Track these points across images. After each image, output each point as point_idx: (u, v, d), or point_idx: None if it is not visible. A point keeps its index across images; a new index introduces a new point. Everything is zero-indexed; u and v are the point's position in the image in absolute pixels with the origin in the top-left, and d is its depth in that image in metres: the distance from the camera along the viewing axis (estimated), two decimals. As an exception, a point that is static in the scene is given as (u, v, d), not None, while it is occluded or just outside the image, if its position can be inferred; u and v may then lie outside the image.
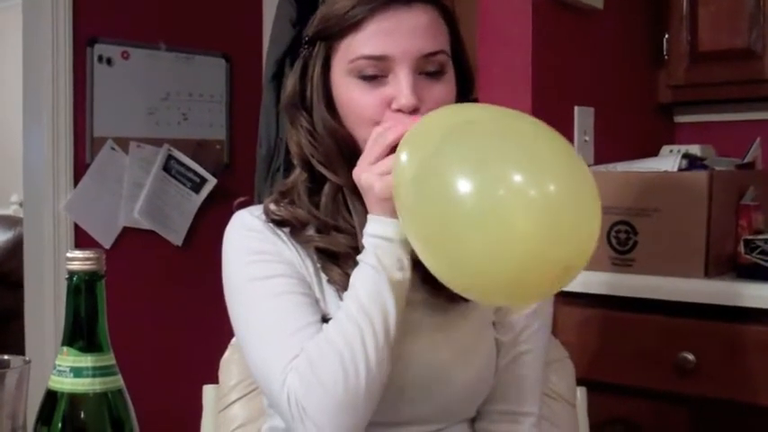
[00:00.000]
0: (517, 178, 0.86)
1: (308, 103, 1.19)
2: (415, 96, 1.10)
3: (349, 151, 1.16)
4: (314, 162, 1.18)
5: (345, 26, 1.12)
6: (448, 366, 1.17)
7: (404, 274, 1.07)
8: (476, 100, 1.28)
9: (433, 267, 0.94)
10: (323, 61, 1.17)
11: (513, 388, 1.24)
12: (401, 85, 1.10)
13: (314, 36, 1.18)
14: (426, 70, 1.13)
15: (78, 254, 0.78)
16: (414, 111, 1.10)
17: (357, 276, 1.08)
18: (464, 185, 0.87)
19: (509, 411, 1.24)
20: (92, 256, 0.78)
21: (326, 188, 1.18)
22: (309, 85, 1.18)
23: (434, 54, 1.13)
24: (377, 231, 1.08)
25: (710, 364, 1.81)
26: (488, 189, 0.86)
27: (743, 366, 1.78)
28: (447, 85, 1.15)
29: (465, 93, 1.22)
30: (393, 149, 1.04)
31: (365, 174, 1.08)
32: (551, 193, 0.85)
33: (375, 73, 1.12)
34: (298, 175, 1.20)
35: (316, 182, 1.19)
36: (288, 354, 1.07)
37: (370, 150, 1.08)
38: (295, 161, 1.20)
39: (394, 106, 1.11)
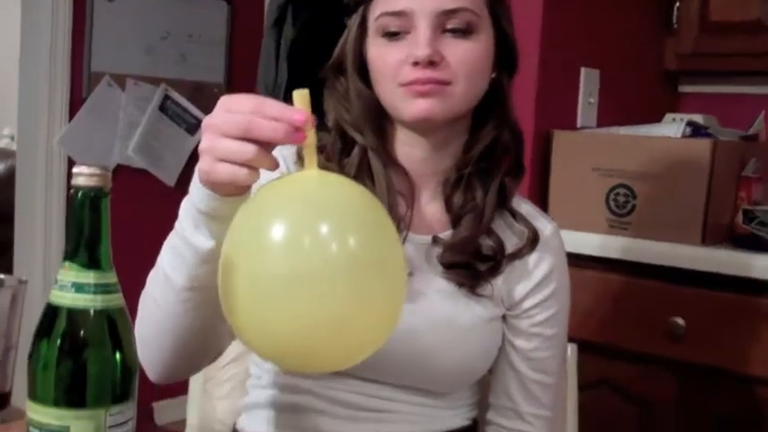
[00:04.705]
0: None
1: (344, 68, 1.20)
2: (431, 49, 1.08)
3: (376, 114, 1.17)
4: (344, 125, 1.19)
5: None
6: (432, 348, 1.15)
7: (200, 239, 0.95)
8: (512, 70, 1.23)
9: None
10: (359, 26, 1.17)
11: (524, 391, 1.23)
12: (418, 38, 1.10)
13: (352, 1, 1.19)
14: (450, 27, 1.11)
15: (84, 169, 0.76)
16: (431, 64, 1.09)
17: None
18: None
19: (524, 412, 1.24)
20: (97, 172, 0.76)
21: (354, 151, 1.18)
22: (346, 51, 1.19)
23: (456, 11, 1.11)
24: (195, 202, 0.94)
25: (700, 331, 1.82)
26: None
27: (732, 335, 1.79)
28: (476, 45, 1.12)
29: (504, 62, 1.19)
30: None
31: (210, 142, 0.88)
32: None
33: (397, 30, 1.12)
34: (329, 137, 1.20)
35: (346, 145, 1.20)
36: None
37: (232, 122, 0.86)
38: (329, 124, 1.21)
39: (410, 60, 1.10)
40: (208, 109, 2.65)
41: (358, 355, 0.86)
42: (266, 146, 0.86)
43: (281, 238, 0.80)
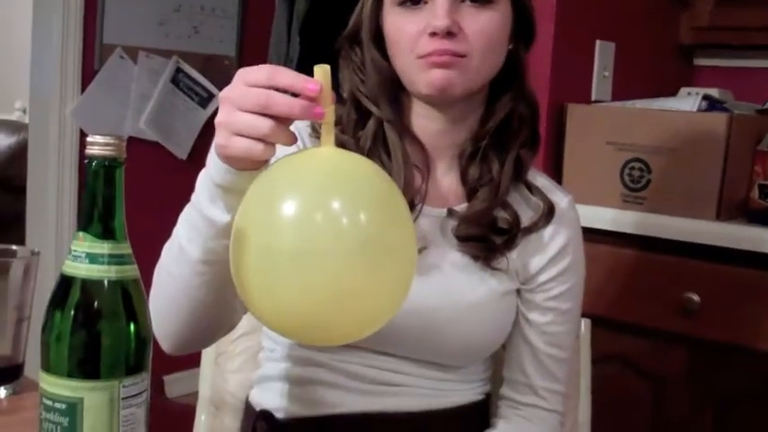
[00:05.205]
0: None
1: (360, 38, 1.19)
2: (449, 19, 1.07)
3: (392, 86, 1.16)
4: (359, 96, 1.18)
5: None
6: (446, 321, 1.15)
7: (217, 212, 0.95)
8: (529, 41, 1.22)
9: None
10: None
11: (538, 365, 1.23)
12: (436, 8, 1.08)
13: None
14: None
15: (99, 139, 0.75)
16: (449, 35, 1.08)
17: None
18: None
19: (538, 386, 1.24)
20: (112, 141, 0.76)
21: (370, 122, 1.17)
22: (362, 20, 1.18)
23: None
24: (212, 175, 0.94)
25: (714, 307, 1.81)
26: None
27: (747, 310, 1.78)
28: (494, 15, 1.11)
29: (521, 33, 1.18)
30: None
31: (226, 115, 0.87)
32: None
33: None
34: (344, 109, 1.19)
35: (362, 117, 1.19)
36: None
37: (249, 97, 0.85)
38: (344, 95, 1.20)
39: (428, 30, 1.08)
40: (219, 82, 2.64)
41: (366, 329, 0.87)
42: (283, 121, 0.85)
43: (292, 213, 0.80)
